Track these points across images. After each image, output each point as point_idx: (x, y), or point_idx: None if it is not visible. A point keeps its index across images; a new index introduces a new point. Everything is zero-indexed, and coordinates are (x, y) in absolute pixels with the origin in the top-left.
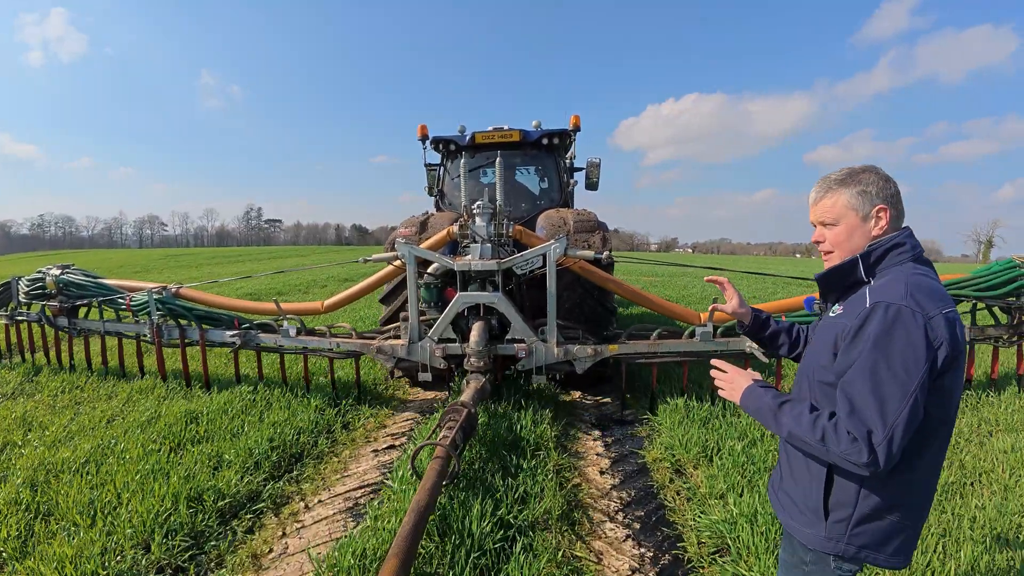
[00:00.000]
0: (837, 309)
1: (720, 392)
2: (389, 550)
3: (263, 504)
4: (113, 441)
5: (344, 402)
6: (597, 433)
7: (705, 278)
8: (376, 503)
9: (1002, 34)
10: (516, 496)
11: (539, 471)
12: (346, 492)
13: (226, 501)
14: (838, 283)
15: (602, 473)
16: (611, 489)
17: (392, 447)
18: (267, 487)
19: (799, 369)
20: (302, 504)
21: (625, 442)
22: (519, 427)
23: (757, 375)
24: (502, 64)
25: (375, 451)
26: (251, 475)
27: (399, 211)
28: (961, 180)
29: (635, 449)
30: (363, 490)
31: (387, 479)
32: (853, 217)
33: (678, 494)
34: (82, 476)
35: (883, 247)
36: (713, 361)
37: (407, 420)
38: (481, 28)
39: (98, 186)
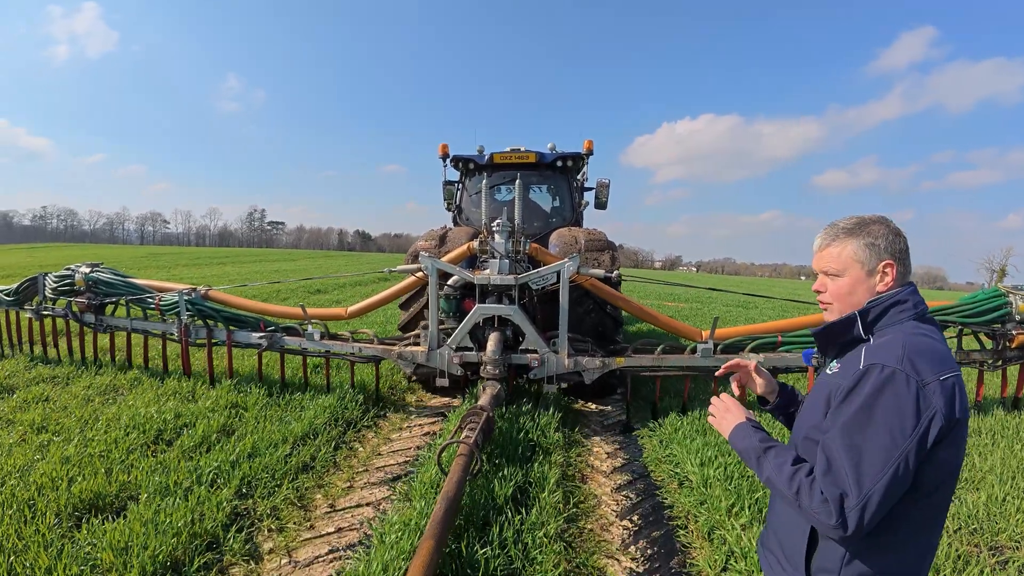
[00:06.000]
0: (835, 366)
1: (711, 419)
2: (423, 533)
3: None
4: None
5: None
6: (603, 438)
7: (721, 369)
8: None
9: (1014, 66)
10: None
11: (548, 467)
12: None
13: None
14: (835, 340)
15: (608, 469)
16: (612, 472)
17: None
18: None
19: (795, 425)
20: None
21: (628, 445)
22: (531, 431)
23: (751, 414)
24: (523, 79)
25: None
26: None
27: (405, 220)
28: (967, 208)
29: (637, 454)
30: None
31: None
32: (858, 270)
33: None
34: None
35: (883, 304)
36: (722, 395)
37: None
38: (504, 43)
39: (107, 182)
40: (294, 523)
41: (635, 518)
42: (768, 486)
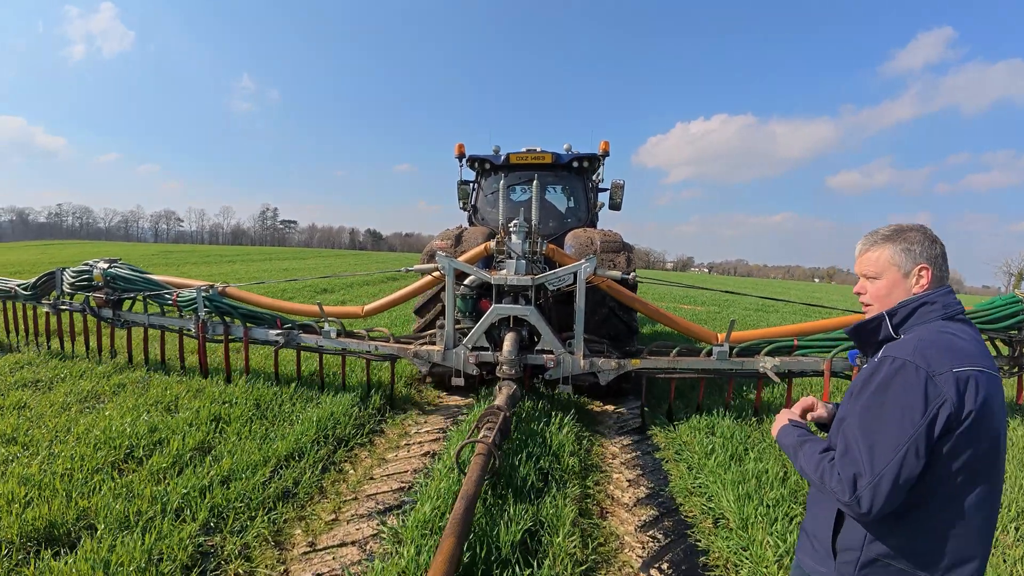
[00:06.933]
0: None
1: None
2: (444, 530)
3: None
4: None
5: None
6: (623, 461)
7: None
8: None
9: None
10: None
11: (563, 503)
12: None
13: None
14: (869, 338)
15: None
16: (635, 505)
17: None
18: None
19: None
20: None
21: (652, 471)
22: (543, 457)
23: (794, 416)
24: (535, 81)
25: None
26: None
27: (416, 219)
28: (982, 211)
29: (662, 482)
30: None
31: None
32: (895, 273)
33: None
34: None
35: (911, 306)
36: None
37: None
38: (516, 44)
39: (121, 181)
40: (265, 566)
41: (664, 566)
42: (801, 474)
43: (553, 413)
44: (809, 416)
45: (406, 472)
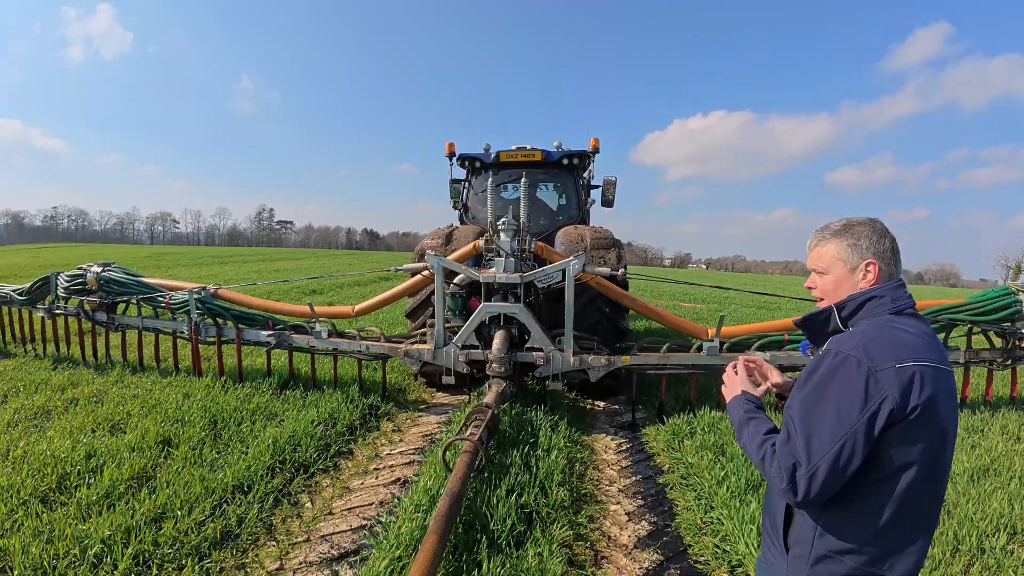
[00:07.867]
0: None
1: (722, 387)
2: (428, 527)
3: None
4: None
5: None
6: (622, 488)
7: (734, 364)
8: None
9: None
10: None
11: (548, 551)
12: None
13: None
14: (819, 330)
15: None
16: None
17: None
18: None
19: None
20: None
21: (656, 503)
22: (527, 491)
23: (749, 388)
24: (534, 77)
25: None
26: None
27: (414, 219)
28: (981, 206)
29: (668, 516)
30: None
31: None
32: (841, 268)
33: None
34: None
35: (859, 299)
36: (738, 364)
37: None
38: (514, 44)
39: (122, 183)
40: None
41: None
42: (744, 451)
43: (541, 431)
44: (761, 391)
45: (370, 505)
